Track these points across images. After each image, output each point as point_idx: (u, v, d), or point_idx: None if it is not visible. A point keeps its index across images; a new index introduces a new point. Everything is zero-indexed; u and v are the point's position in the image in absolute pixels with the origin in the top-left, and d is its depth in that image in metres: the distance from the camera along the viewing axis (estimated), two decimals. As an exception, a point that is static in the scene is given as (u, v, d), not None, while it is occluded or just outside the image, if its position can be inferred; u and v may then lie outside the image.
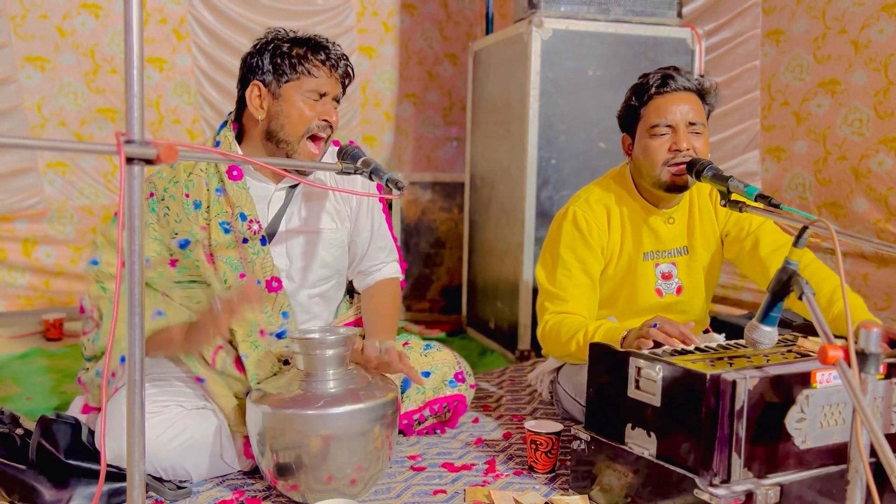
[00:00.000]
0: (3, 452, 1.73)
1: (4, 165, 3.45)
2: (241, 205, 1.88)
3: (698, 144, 1.96)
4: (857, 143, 3.02)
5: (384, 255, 2.16)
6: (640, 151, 2.02)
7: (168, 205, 1.88)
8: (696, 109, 1.97)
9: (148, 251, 1.86)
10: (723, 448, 1.43)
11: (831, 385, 1.50)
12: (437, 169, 4.36)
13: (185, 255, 1.87)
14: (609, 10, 3.02)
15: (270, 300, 1.91)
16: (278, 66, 1.83)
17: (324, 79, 1.86)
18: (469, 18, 4.42)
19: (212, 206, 1.87)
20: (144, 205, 1.88)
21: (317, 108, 1.85)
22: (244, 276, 1.88)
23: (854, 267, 3.07)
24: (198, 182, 1.88)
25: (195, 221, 1.86)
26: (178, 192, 1.87)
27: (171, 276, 1.89)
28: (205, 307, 1.71)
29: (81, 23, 3.56)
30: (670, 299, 2.12)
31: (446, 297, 3.86)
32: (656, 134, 1.97)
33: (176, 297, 1.90)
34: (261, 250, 1.89)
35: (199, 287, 1.90)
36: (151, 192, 1.89)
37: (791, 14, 3.25)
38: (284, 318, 1.93)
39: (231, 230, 1.88)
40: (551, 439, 1.85)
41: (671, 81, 1.97)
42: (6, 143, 1.10)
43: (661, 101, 1.97)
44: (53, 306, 3.61)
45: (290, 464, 1.62)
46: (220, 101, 3.83)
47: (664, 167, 1.96)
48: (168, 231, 1.88)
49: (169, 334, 1.77)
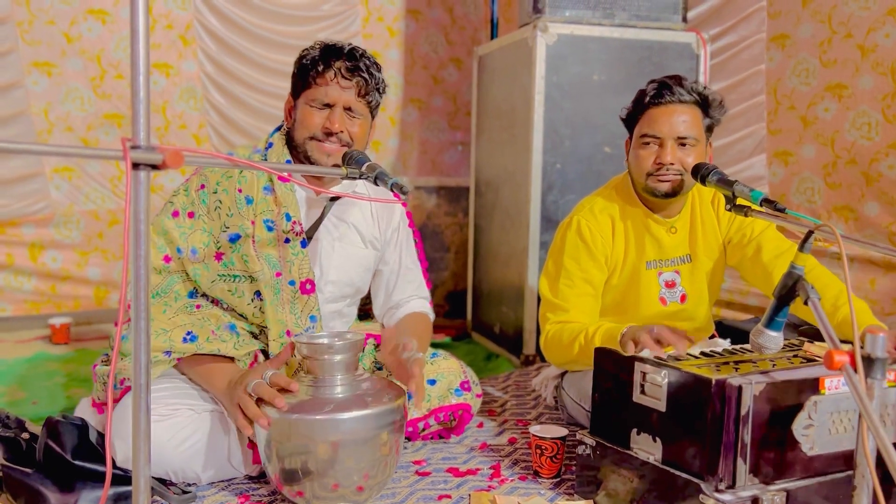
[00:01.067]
0: (9, 456, 1.73)
1: (11, 171, 3.46)
2: (288, 205, 1.93)
3: (690, 159, 1.95)
4: (867, 147, 3.01)
5: (413, 287, 2.19)
6: (632, 158, 2.06)
7: (220, 198, 1.92)
8: (691, 123, 1.96)
9: (196, 242, 1.90)
10: (728, 453, 1.43)
11: (840, 392, 1.50)
12: (441, 173, 4.37)
13: (234, 249, 1.90)
14: (614, 15, 3.02)
15: (301, 302, 1.93)
16: (297, 77, 1.94)
17: (328, 88, 1.88)
18: (474, 23, 4.43)
19: (259, 203, 1.91)
20: (195, 197, 1.92)
21: (321, 117, 1.89)
22: (280, 274, 1.91)
23: (862, 272, 3.06)
24: (250, 178, 1.92)
25: (246, 216, 1.90)
26: (231, 187, 1.91)
27: (216, 269, 1.91)
28: (243, 383, 1.71)
29: (88, 28, 3.58)
30: (675, 307, 2.11)
31: (451, 301, 3.86)
32: (645, 144, 1.99)
33: (218, 290, 1.93)
34: (300, 252, 1.93)
35: (243, 282, 1.92)
36: (202, 184, 1.94)
37: (797, 18, 3.24)
38: (312, 321, 1.95)
39: (274, 228, 1.92)
40: (556, 444, 1.84)
41: (667, 93, 1.96)
42: (13, 149, 1.10)
43: (653, 113, 1.98)
44: (60, 311, 3.62)
45: (297, 470, 1.62)
46: (226, 107, 3.84)
47: (648, 177, 1.99)
48: (219, 224, 1.92)
49: (209, 374, 1.81)
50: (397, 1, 4.20)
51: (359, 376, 1.73)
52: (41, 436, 1.73)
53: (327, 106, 1.89)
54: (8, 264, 3.54)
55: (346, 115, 1.90)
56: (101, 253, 3.73)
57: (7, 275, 3.55)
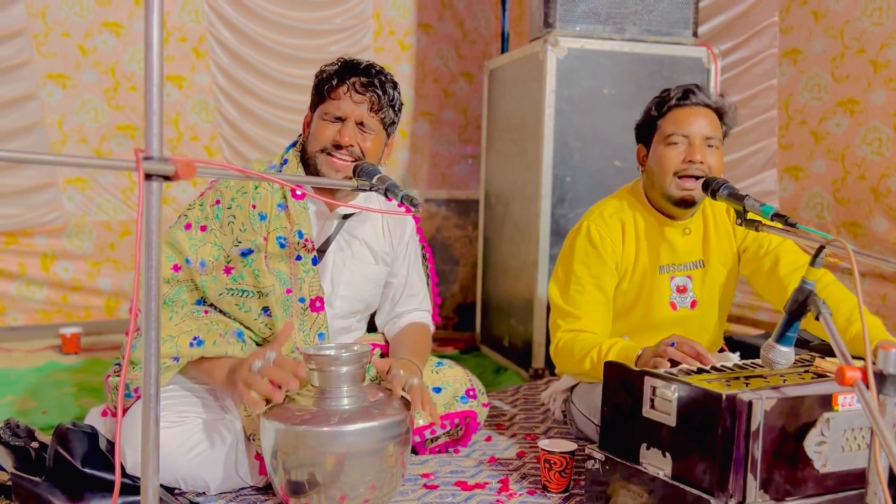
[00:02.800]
0: (19, 465, 1.74)
1: (25, 181, 3.49)
2: (300, 222, 1.94)
3: (712, 160, 1.97)
4: (877, 162, 2.99)
5: (416, 301, 2.21)
6: (654, 161, 2.03)
7: (234, 213, 1.93)
8: (714, 126, 2.00)
9: (205, 255, 1.92)
10: (739, 469, 1.42)
11: (854, 409, 1.48)
12: (451, 186, 4.37)
13: (246, 264, 1.92)
14: (624, 30, 3.02)
15: (311, 320, 1.95)
16: (314, 90, 1.98)
17: (341, 102, 1.91)
18: (485, 37, 4.45)
19: (272, 220, 1.93)
20: (209, 211, 1.95)
21: (333, 130, 1.91)
22: (290, 291, 1.92)
23: (873, 287, 3.04)
24: (264, 195, 1.94)
25: (259, 232, 1.92)
26: (245, 203, 1.93)
27: (224, 283, 1.93)
28: (245, 364, 1.72)
29: (103, 41, 3.62)
30: (684, 313, 2.11)
31: (460, 314, 3.86)
32: (672, 143, 1.98)
33: (225, 303, 1.94)
34: (311, 269, 1.94)
35: (251, 297, 1.93)
36: (218, 199, 1.96)
37: (809, 33, 3.24)
38: (320, 339, 1.96)
39: (286, 245, 1.93)
40: (565, 458, 1.83)
41: (692, 95, 2.00)
42: (28, 159, 1.11)
43: (679, 113, 2.00)
44: (70, 321, 3.64)
45: (303, 482, 1.62)
46: (239, 119, 3.87)
47: (674, 178, 1.98)
48: (231, 238, 1.93)
49: (210, 367, 1.81)
50: (409, 15, 4.22)
51: (365, 388, 1.73)
52: (51, 443, 1.73)
53: (339, 119, 1.91)
54: (20, 274, 3.56)
55: (358, 130, 1.92)
56: (113, 264, 3.75)
57: (19, 284, 3.57)
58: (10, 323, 3.56)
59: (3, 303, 3.56)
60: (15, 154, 1.03)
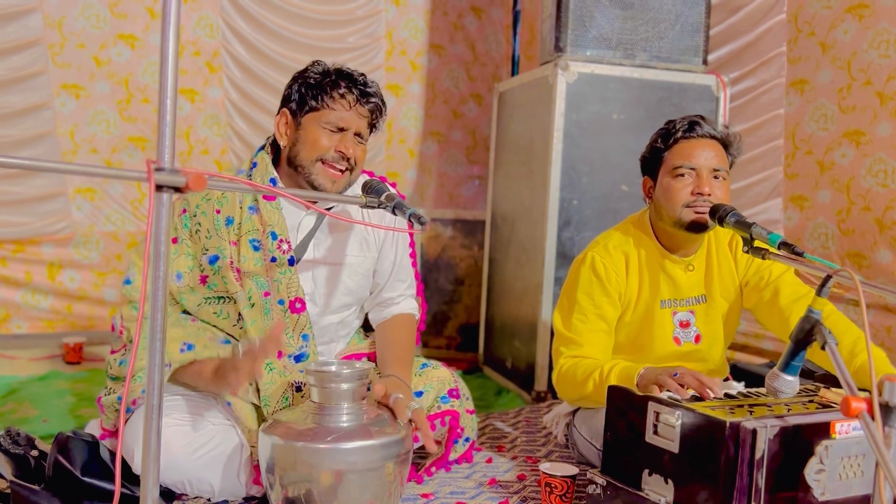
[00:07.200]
0: (18, 473, 1.73)
1: (35, 189, 3.52)
2: (273, 224, 1.93)
3: (720, 192, 1.96)
4: (882, 194, 3.00)
5: (404, 287, 2.17)
6: (662, 193, 2.02)
7: (200, 221, 1.93)
8: (720, 157, 2.00)
9: (180, 266, 1.92)
10: (741, 498, 1.41)
11: (850, 436, 1.47)
12: (458, 206, 4.39)
13: (214, 271, 1.92)
14: (634, 56, 3.05)
15: (292, 321, 1.93)
16: (303, 96, 1.94)
17: (344, 113, 1.91)
18: (495, 60, 4.48)
19: (243, 223, 1.92)
20: (177, 222, 1.94)
21: (333, 140, 1.91)
22: (269, 294, 1.91)
23: (878, 319, 3.02)
24: (231, 199, 1.93)
25: (225, 237, 1.91)
26: (209, 209, 1.93)
27: (202, 293, 1.93)
28: (232, 352, 1.73)
29: (118, 53, 3.66)
30: (689, 348, 2.10)
31: (463, 334, 3.85)
32: (679, 175, 1.98)
33: (204, 313, 1.93)
34: (288, 270, 1.93)
35: (228, 304, 1.93)
36: (184, 208, 1.95)
37: (816, 64, 3.26)
38: (304, 340, 1.95)
39: (261, 248, 1.92)
40: (566, 482, 1.82)
41: (697, 127, 2.00)
42: (41, 166, 1.12)
43: (686, 145, 1.99)
44: (74, 330, 3.65)
45: (300, 497, 1.61)
46: (250, 134, 3.90)
47: (684, 208, 1.97)
48: (199, 247, 1.93)
49: (199, 367, 1.80)
50: (421, 36, 4.26)
51: (366, 405, 1.73)
52: (51, 451, 1.73)
53: (341, 130, 1.91)
54: (26, 282, 3.58)
55: (355, 140, 1.93)
56: (119, 274, 3.76)
57: (24, 292, 3.58)
58: (13, 331, 3.57)
59: (8, 310, 3.57)
60: (29, 162, 1.05)
